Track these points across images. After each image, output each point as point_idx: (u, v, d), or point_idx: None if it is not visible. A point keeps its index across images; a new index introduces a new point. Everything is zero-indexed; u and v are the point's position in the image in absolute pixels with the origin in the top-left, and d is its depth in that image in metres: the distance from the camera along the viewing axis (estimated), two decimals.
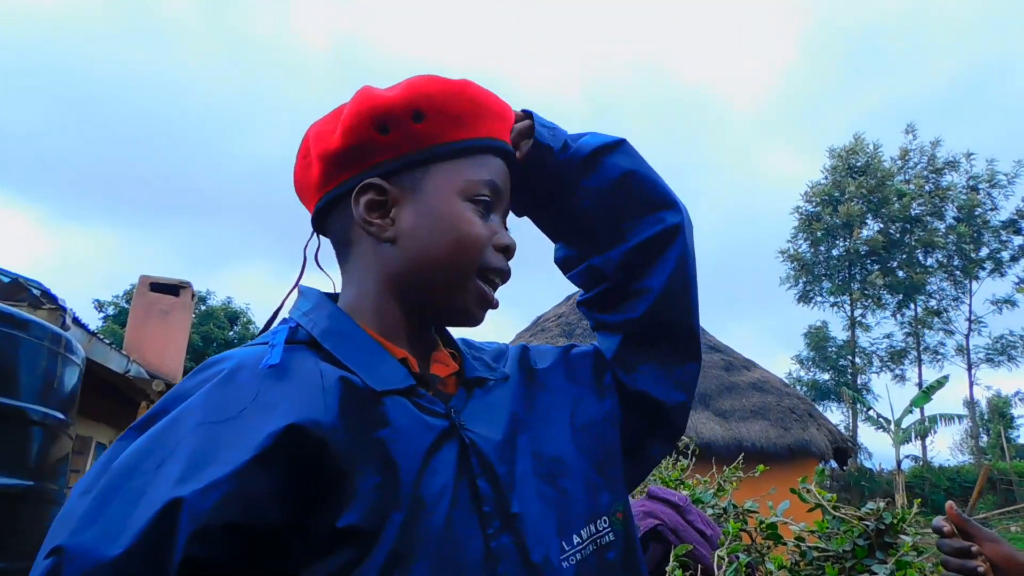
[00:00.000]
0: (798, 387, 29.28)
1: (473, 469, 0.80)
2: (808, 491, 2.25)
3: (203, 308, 25.17)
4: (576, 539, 0.85)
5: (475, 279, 0.88)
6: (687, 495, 2.83)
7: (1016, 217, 29.69)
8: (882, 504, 2.17)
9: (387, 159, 0.86)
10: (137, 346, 9.35)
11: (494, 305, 0.92)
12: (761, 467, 3.18)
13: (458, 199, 0.87)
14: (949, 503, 1.25)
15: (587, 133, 1.02)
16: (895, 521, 2.12)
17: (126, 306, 22.34)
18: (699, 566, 2.07)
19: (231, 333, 25.88)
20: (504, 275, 0.91)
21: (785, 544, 2.33)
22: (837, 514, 2.22)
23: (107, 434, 8.85)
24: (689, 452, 3.39)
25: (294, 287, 0.93)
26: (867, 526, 2.14)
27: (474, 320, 0.91)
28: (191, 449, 0.69)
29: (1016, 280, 29.06)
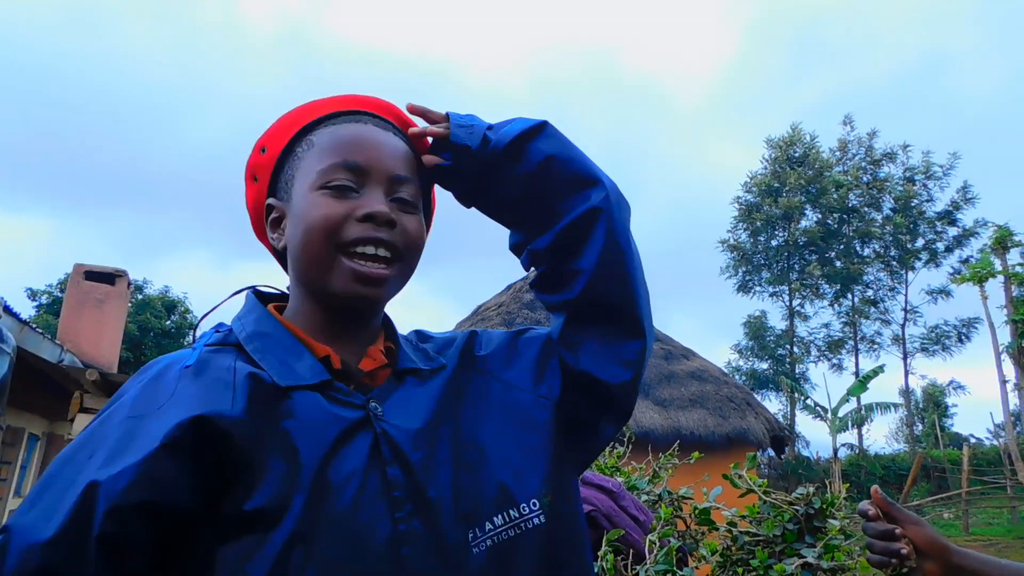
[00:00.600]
0: (737, 376, 29.85)
1: (384, 456, 0.83)
2: (740, 476, 2.29)
3: (140, 297, 24.48)
4: (489, 525, 0.86)
5: (339, 257, 0.89)
6: (622, 482, 2.86)
7: (951, 208, 30.65)
8: (811, 489, 2.21)
9: (265, 194, 1.00)
10: (71, 336, 9.08)
11: (374, 278, 0.90)
12: (696, 454, 3.22)
13: (312, 193, 0.91)
14: (874, 488, 1.28)
15: (511, 121, 1.02)
16: (824, 506, 2.16)
17: (60, 295, 21.65)
18: (631, 551, 2.09)
19: (168, 322, 25.25)
20: (370, 241, 0.90)
21: (718, 529, 2.36)
22: (768, 499, 2.26)
23: (40, 425, 8.58)
24: (626, 440, 3.41)
25: (214, 308, 1.02)
26: (797, 511, 2.18)
27: (361, 300, 0.91)
28: (115, 439, 0.77)
29: (951, 270, 30.02)
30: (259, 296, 1.00)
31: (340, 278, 0.89)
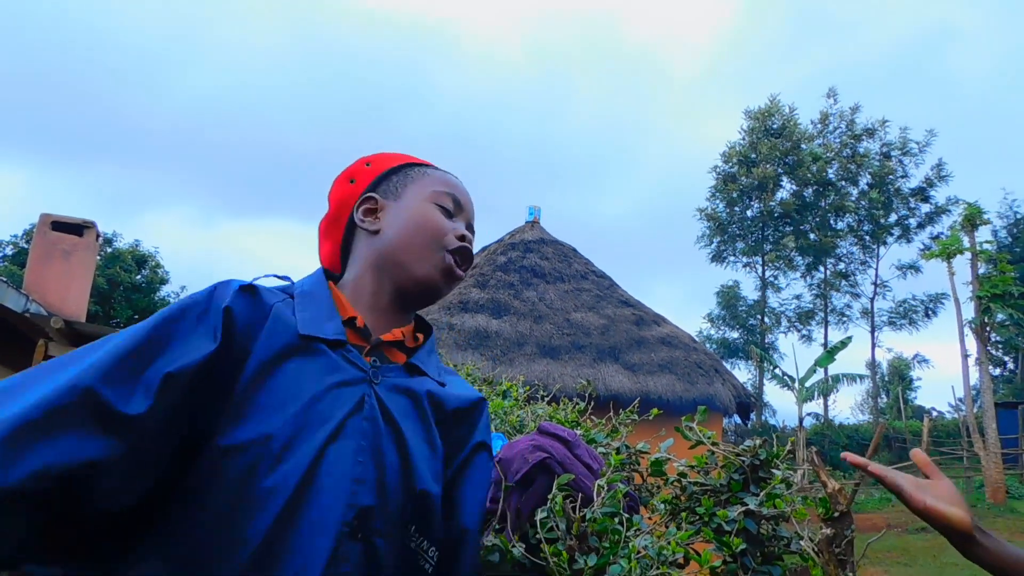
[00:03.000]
0: (708, 344, 30.21)
1: (364, 411, 0.98)
2: (691, 428, 2.34)
3: (109, 251, 24.11)
4: (424, 541, 1.03)
5: (439, 253, 1.14)
6: (580, 434, 2.91)
7: (925, 185, 30.99)
8: (758, 442, 2.26)
9: (360, 193, 1.20)
10: (38, 287, 8.96)
11: (457, 276, 1.17)
12: (655, 411, 3.27)
13: (427, 203, 1.17)
14: (844, 454, 1.27)
15: None
16: (769, 457, 2.22)
17: (26, 246, 21.26)
18: (580, 495, 2.14)
19: (139, 277, 24.89)
20: (465, 254, 1.17)
21: (669, 481, 2.42)
22: (717, 450, 2.31)
23: (3, 374, 8.49)
24: (587, 396, 3.47)
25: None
26: (743, 462, 2.23)
27: (438, 288, 1.15)
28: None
29: (921, 246, 30.42)
30: (325, 273, 1.16)
31: (434, 268, 1.14)
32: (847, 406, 58.86)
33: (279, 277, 1.12)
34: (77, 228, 9.61)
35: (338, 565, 0.90)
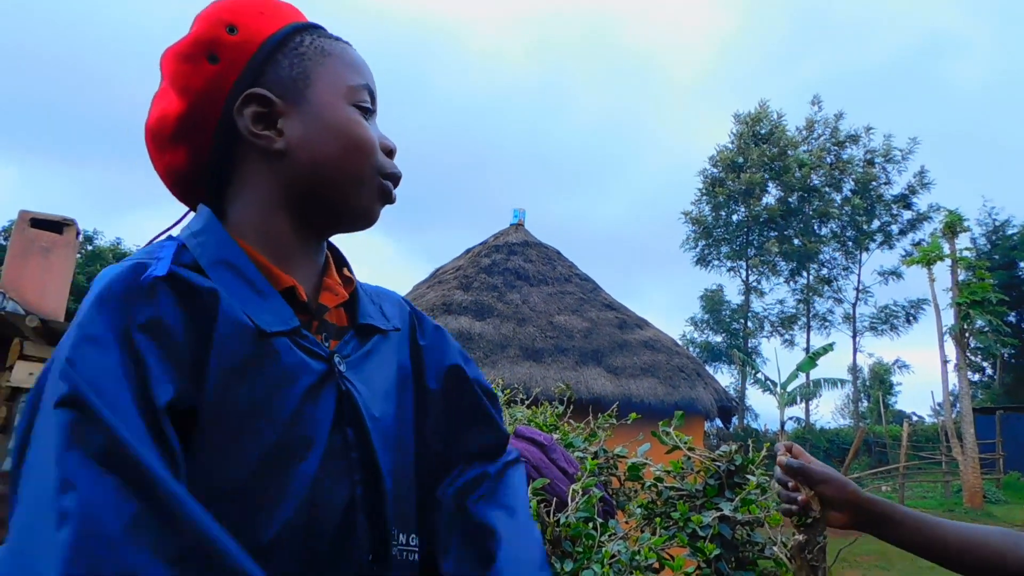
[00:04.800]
0: (691, 348, 30.32)
1: (346, 416, 0.80)
2: (667, 433, 2.34)
3: (90, 248, 23.91)
4: (407, 537, 0.87)
5: (376, 177, 0.89)
6: (558, 438, 2.91)
7: (907, 192, 31.25)
8: (734, 447, 2.28)
9: (234, 81, 0.85)
10: (15, 284, 8.84)
11: (393, 200, 0.93)
12: (633, 415, 3.28)
13: (344, 104, 0.88)
14: (787, 443, 1.30)
15: None
16: (744, 463, 2.23)
17: (4, 243, 21.03)
18: (555, 499, 2.14)
19: None
20: (396, 177, 0.93)
21: (645, 485, 2.43)
22: (693, 455, 2.32)
23: None
24: (566, 400, 3.47)
25: (171, 226, 0.90)
26: (719, 467, 2.24)
27: (373, 218, 0.92)
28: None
29: (903, 253, 30.64)
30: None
31: (369, 196, 0.89)
32: (828, 411, 59.39)
33: (175, 244, 0.79)
34: (56, 225, 9.49)
35: None
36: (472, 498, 0.94)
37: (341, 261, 0.96)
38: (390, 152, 0.92)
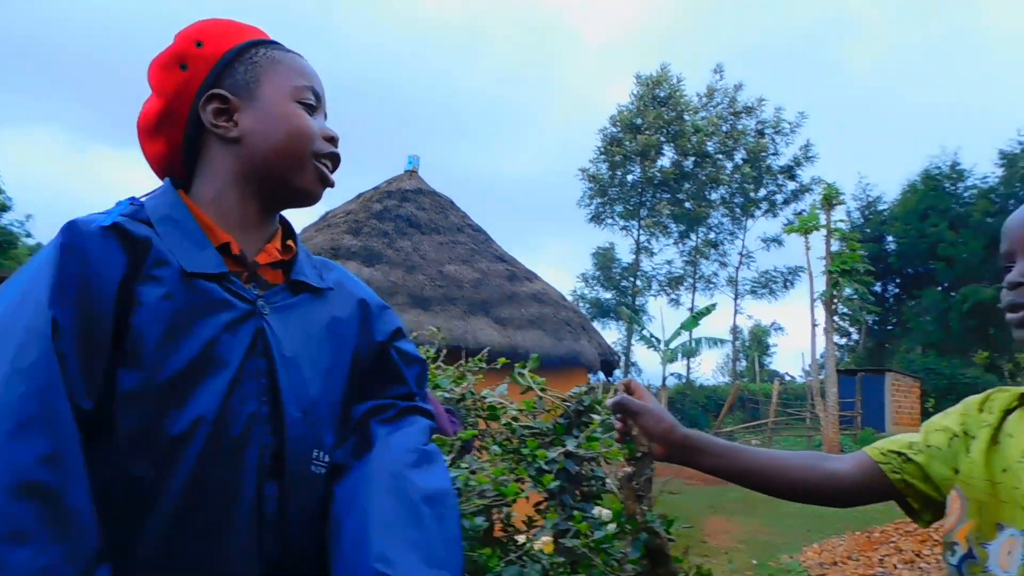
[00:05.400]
0: (582, 304, 31.10)
1: (258, 348, 0.96)
2: (521, 375, 2.44)
3: None
4: (325, 455, 1.02)
5: (312, 161, 1.07)
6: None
7: (792, 164, 32.67)
8: (583, 388, 2.40)
9: (200, 84, 1.06)
10: None
11: (332, 183, 1.11)
12: (503, 360, 3.37)
13: (289, 100, 1.07)
14: (626, 379, 1.39)
15: None
16: (592, 403, 2.35)
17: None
18: None
19: None
20: (335, 159, 1.11)
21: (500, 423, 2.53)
22: (545, 396, 2.43)
23: None
24: (437, 343, 3.53)
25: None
26: (568, 407, 2.36)
27: (315, 197, 1.11)
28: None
29: (785, 221, 32.12)
30: (173, 184, 1.07)
31: (309, 177, 1.08)
32: (709, 368, 62.07)
33: (129, 203, 1.00)
34: None
35: (264, 506, 0.93)
36: (377, 418, 1.10)
37: (289, 233, 1.13)
38: (331, 140, 1.11)
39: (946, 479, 1.14)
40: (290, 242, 1.11)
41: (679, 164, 32.85)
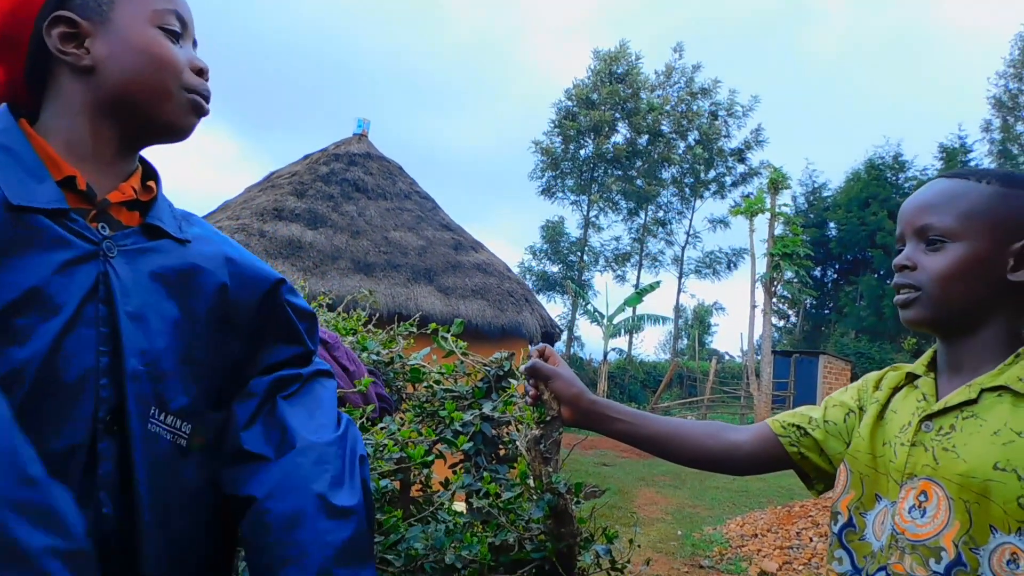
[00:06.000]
0: (528, 276, 31.25)
1: (100, 294, 0.88)
2: (444, 339, 2.49)
3: None
4: (168, 417, 0.93)
5: (183, 92, 0.97)
6: (355, 341, 3.01)
7: (743, 147, 33.13)
8: (504, 355, 2.46)
9: (41, 5, 0.92)
10: None
11: (206, 112, 1.01)
12: (433, 325, 3.42)
13: (149, 27, 0.95)
14: (541, 345, 1.44)
15: None
16: (512, 369, 2.41)
17: None
18: None
19: None
20: (206, 95, 1.01)
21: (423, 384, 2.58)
22: (466, 360, 2.49)
23: None
24: (368, 305, 3.56)
25: None
26: (488, 372, 2.42)
27: (185, 132, 1.00)
28: None
29: (732, 204, 32.60)
30: (11, 110, 0.95)
31: (180, 109, 0.97)
32: (652, 345, 63.00)
33: None
34: None
35: (99, 464, 0.86)
36: (283, 394, 1.05)
37: (150, 175, 1.03)
38: (200, 72, 1.00)
39: (839, 454, 1.21)
40: (151, 183, 1.02)
41: (632, 142, 33.01)
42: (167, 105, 0.96)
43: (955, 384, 1.07)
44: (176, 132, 1.00)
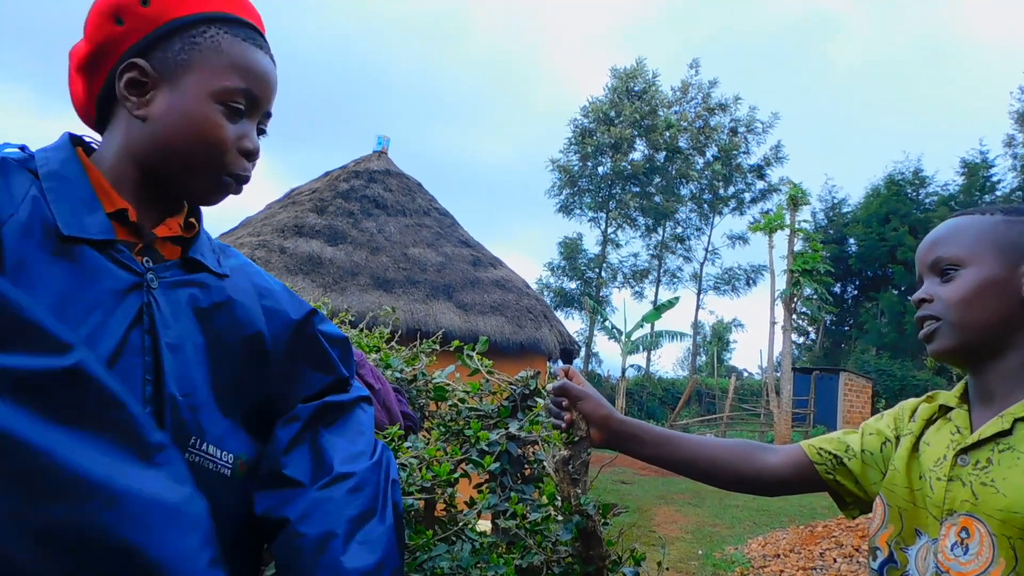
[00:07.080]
0: (546, 292, 31.24)
1: (144, 324, 0.89)
2: (470, 357, 2.48)
3: None
4: (207, 446, 0.94)
5: (218, 174, 0.97)
6: (378, 358, 3.01)
7: (763, 163, 33.04)
8: (530, 373, 2.44)
9: (130, 45, 0.95)
10: None
11: (237, 192, 1.02)
12: (456, 343, 3.41)
13: (209, 101, 0.95)
14: (565, 366, 1.43)
15: None
16: (538, 387, 2.40)
17: None
18: None
19: None
20: (243, 179, 1.01)
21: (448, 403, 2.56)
22: (492, 379, 2.48)
23: None
24: (391, 322, 3.56)
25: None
26: (514, 390, 2.40)
27: (208, 203, 1.02)
28: None
29: (751, 220, 32.50)
30: (72, 139, 0.98)
31: (208, 187, 0.98)
32: (670, 362, 62.69)
33: (15, 147, 0.92)
34: None
35: None
36: (326, 419, 1.07)
37: (194, 211, 1.05)
38: (248, 154, 1.00)
39: (875, 484, 1.20)
40: (193, 220, 1.04)
41: (651, 158, 33.02)
42: (195, 181, 0.98)
43: (988, 415, 1.05)
44: (199, 202, 1.03)
